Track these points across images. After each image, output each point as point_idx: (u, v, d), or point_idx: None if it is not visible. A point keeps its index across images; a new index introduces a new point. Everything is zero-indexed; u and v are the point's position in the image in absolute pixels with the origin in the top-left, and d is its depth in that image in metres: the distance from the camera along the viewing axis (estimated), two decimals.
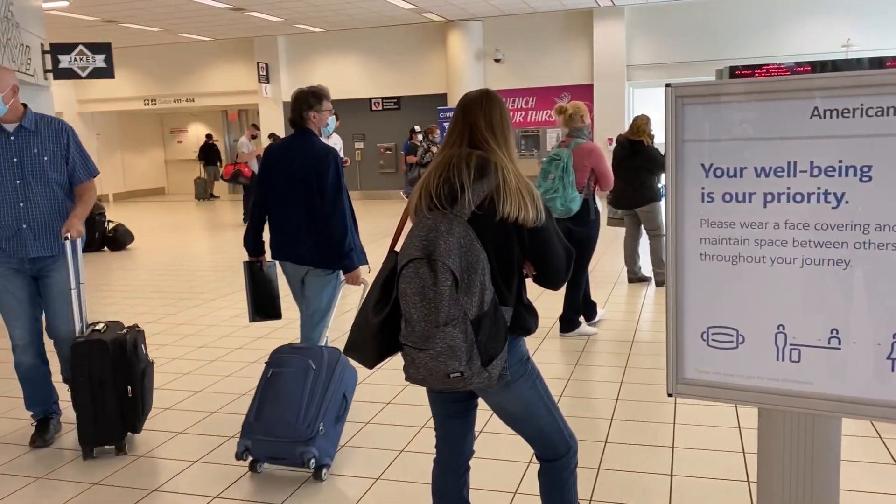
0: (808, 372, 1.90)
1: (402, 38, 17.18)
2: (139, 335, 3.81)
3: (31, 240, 3.64)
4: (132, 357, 3.66)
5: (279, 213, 3.86)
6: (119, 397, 3.61)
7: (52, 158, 3.67)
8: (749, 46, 14.57)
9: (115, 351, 3.60)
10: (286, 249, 3.89)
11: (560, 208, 5.07)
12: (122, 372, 3.62)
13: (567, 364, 4.91)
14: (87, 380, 3.57)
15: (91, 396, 3.58)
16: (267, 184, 3.88)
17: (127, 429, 3.68)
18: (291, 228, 3.81)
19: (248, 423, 3.35)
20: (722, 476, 3.23)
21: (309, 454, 3.22)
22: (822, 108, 1.77)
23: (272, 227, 3.93)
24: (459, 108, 2.20)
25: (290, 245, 3.86)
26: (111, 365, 3.58)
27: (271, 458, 3.36)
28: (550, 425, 2.24)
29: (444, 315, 1.93)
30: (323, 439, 3.29)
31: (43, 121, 3.72)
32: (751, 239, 1.92)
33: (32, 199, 3.63)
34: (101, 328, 3.75)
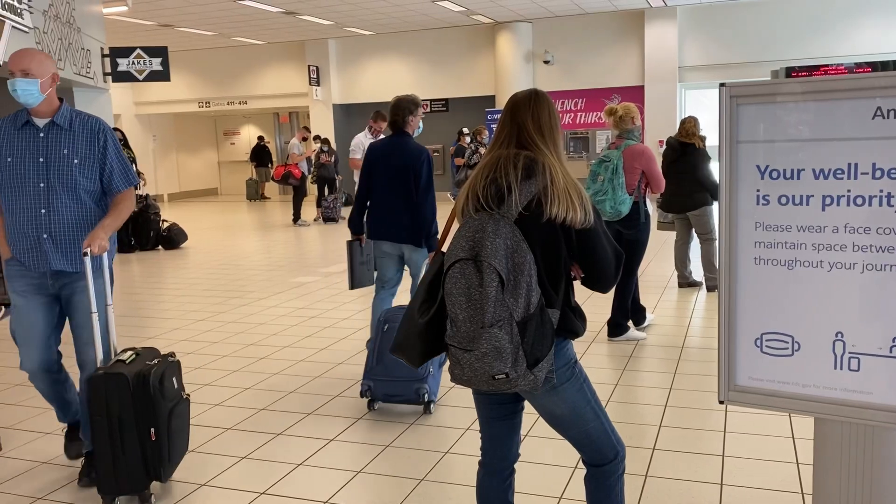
0: (867, 381, 1.83)
1: (450, 40, 17.20)
2: (170, 367, 3.27)
3: (52, 251, 3.17)
4: (157, 394, 3.10)
5: (380, 200, 4.62)
6: (141, 441, 3.09)
7: (84, 162, 3.18)
8: (805, 47, 14.19)
9: (136, 386, 3.06)
10: (385, 230, 4.63)
11: (609, 211, 5.01)
12: (145, 411, 3.08)
13: (615, 369, 4.84)
14: (105, 419, 3.06)
15: (110, 439, 3.06)
16: (369, 176, 4.64)
17: (151, 477, 3.14)
18: (390, 213, 4.58)
19: (369, 368, 4.12)
20: (774, 487, 3.14)
21: (423, 389, 4.01)
22: (886, 107, 1.70)
23: (373, 212, 4.68)
24: (508, 108, 2.19)
25: (389, 227, 4.61)
26: (132, 403, 3.05)
27: (389, 395, 4.09)
28: (598, 430, 2.21)
29: (490, 316, 1.91)
30: (432, 379, 4.08)
31: (79, 118, 3.22)
32: (808, 243, 1.86)
33: (56, 207, 3.15)
34: (127, 357, 3.19)
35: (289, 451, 3.68)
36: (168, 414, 3.18)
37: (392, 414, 4.17)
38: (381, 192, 4.62)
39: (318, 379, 4.80)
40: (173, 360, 3.33)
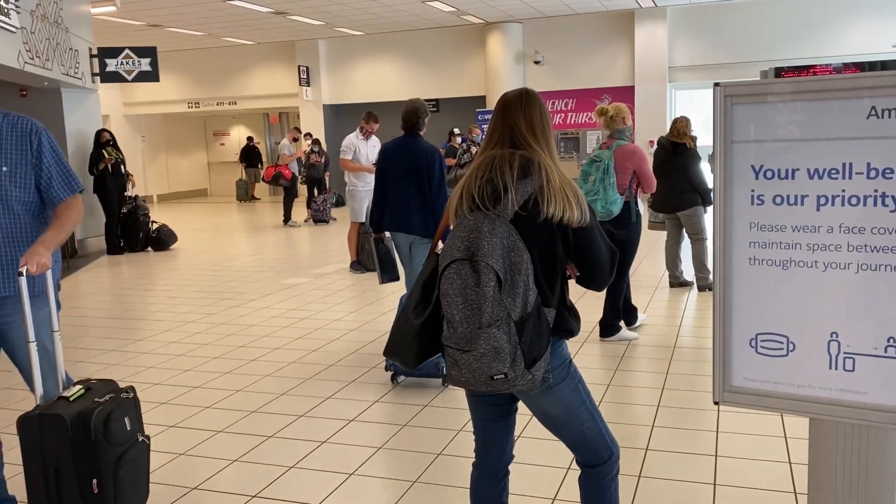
0: (863, 382, 1.83)
1: (441, 40, 17.19)
2: (122, 405, 2.76)
3: None
4: (100, 439, 2.61)
5: (395, 195, 4.94)
6: (82, 493, 2.62)
7: (16, 170, 2.73)
8: (794, 47, 14.26)
9: (76, 430, 2.58)
10: (399, 222, 4.96)
11: (601, 210, 5.01)
12: (86, 459, 2.61)
13: (607, 369, 4.84)
14: (40, 468, 2.60)
15: (45, 491, 2.62)
16: (385, 175, 5.00)
17: None
18: (405, 207, 4.92)
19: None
20: (767, 487, 3.14)
21: (442, 363, 3.97)
22: (881, 107, 1.70)
23: (388, 206, 5.00)
24: (499, 108, 2.18)
25: (403, 219, 4.94)
26: (70, 449, 2.59)
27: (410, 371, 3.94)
28: (592, 430, 2.20)
29: (488, 316, 1.90)
30: None
31: (7, 120, 2.75)
32: (803, 243, 1.85)
33: None
34: (73, 394, 2.69)
35: (281, 454, 3.66)
36: (115, 462, 2.69)
37: (384, 415, 4.15)
38: (396, 189, 4.96)
39: (309, 381, 4.78)
40: (128, 396, 2.85)
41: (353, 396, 4.45)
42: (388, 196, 5.01)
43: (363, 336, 5.83)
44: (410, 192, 4.90)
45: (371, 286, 7.81)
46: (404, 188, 4.92)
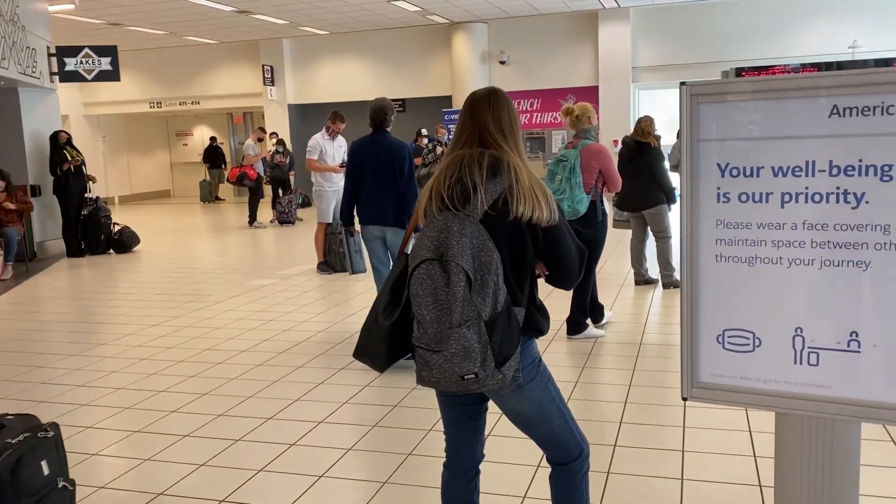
0: (826, 376, 1.86)
1: (406, 40, 17.16)
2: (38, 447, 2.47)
3: None
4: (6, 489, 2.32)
5: (369, 189, 5.14)
6: None
7: None
8: (754, 48, 14.51)
9: None
10: (374, 215, 5.15)
11: (568, 209, 5.04)
12: None
13: (575, 367, 4.87)
14: None
15: None
16: (357, 171, 5.18)
17: None
18: (380, 200, 5.11)
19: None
20: (733, 480, 3.19)
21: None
22: (842, 106, 1.74)
23: (362, 200, 5.18)
24: (467, 107, 2.17)
25: (378, 212, 5.13)
26: None
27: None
28: (562, 428, 2.21)
29: (458, 316, 1.90)
30: None
31: None
32: (768, 240, 1.88)
33: None
34: None
35: (249, 457, 3.61)
36: None
37: (353, 417, 4.13)
38: (369, 184, 5.14)
39: (277, 383, 4.73)
40: (47, 435, 2.54)
41: (322, 398, 4.42)
42: (361, 191, 5.18)
43: (331, 337, 5.79)
44: (384, 186, 5.10)
45: (339, 287, 7.76)
46: (378, 183, 5.11)
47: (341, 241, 8.47)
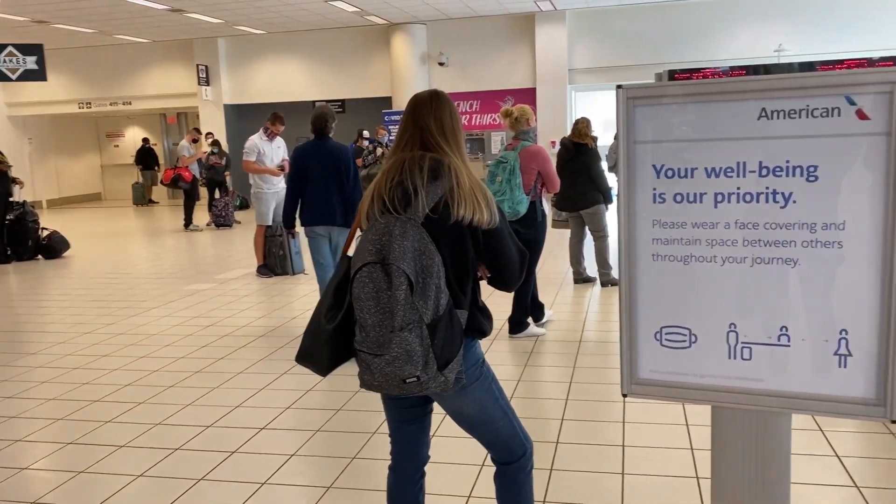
0: (758, 369, 1.93)
1: (345, 40, 17.04)
2: None
3: None
4: None
5: (315, 192, 5.42)
6: None
7: None
8: (686, 51, 14.91)
9: None
10: (320, 216, 5.42)
11: (508, 210, 5.09)
12: None
13: (517, 365, 4.92)
14: None
15: None
16: (301, 174, 5.45)
17: None
18: (326, 202, 5.40)
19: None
20: (672, 473, 3.27)
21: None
22: (770, 109, 1.80)
23: (308, 203, 5.45)
24: (409, 110, 2.17)
25: (324, 213, 5.41)
26: None
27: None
28: (506, 427, 2.23)
29: (400, 319, 1.89)
30: None
31: None
32: (702, 239, 1.94)
33: None
34: None
35: (188, 467, 3.53)
36: None
37: (296, 422, 4.07)
38: (315, 187, 5.42)
39: (216, 390, 4.64)
40: None
41: (264, 404, 4.35)
42: (306, 193, 5.45)
43: (272, 342, 5.70)
44: (331, 188, 5.41)
45: (279, 290, 7.65)
46: (325, 185, 5.42)
47: (281, 243, 8.39)
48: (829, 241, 1.80)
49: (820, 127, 1.76)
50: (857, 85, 1.73)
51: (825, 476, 3.19)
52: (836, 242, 1.80)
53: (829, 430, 3.60)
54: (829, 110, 1.75)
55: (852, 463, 3.28)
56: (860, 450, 3.43)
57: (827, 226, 1.80)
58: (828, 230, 1.80)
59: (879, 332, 1.79)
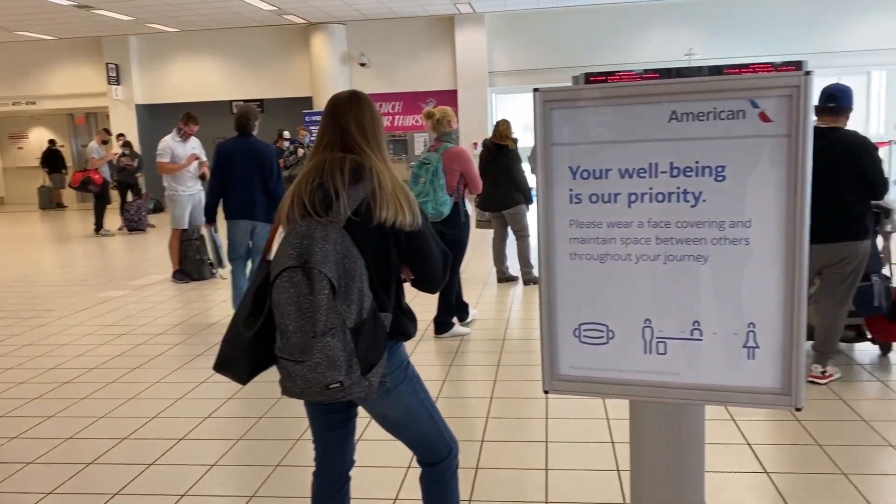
0: (673, 363, 1.99)
1: (263, 39, 16.73)
2: None
3: None
4: None
5: (239, 188, 5.72)
6: None
7: None
8: (602, 54, 15.31)
9: None
10: (243, 211, 5.75)
11: (431, 212, 5.10)
12: None
13: (442, 365, 4.94)
14: None
15: None
16: (225, 171, 5.74)
17: None
18: (249, 198, 5.74)
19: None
20: (593, 467, 3.35)
21: None
22: (680, 111, 1.86)
23: (232, 198, 5.76)
24: (328, 110, 2.14)
25: (247, 208, 5.75)
26: None
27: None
28: (432, 429, 2.23)
29: (322, 325, 1.86)
30: None
31: None
32: (617, 238, 1.99)
33: None
34: None
35: (103, 481, 3.39)
36: None
37: (216, 431, 3.97)
38: (239, 183, 5.70)
39: (132, 401, 4.47)
40: None
41: (182, 414, 4.22)
42: (230, 190, 5.73)
43: (190, 350, 5.54)
44: (254, 184, 5.70)
45: (196, 296, 7.44)
46: (248, 181, 5.70)
47: (198, 247, 8.16)
48: (736, 239, 1.88)
49: (726, 129, 1.84)
50: (761, 89, 1.81)
51: (737, 463, 3.32)
52: (743, 239, 1.88)
53: (740, 419, 3.76)
54: (734, 113, 1.82)
55: (762, 450, 3.44)
56: (770, 437, 3.60)
57: (734, 223, 1.87)
58: (735, 228, 1.87)
59: (784, 325, 1.88)
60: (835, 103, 4.10)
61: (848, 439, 3.52)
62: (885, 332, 4.59)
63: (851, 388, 4.19)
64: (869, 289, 4.32)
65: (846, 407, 3.91)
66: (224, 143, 5.92)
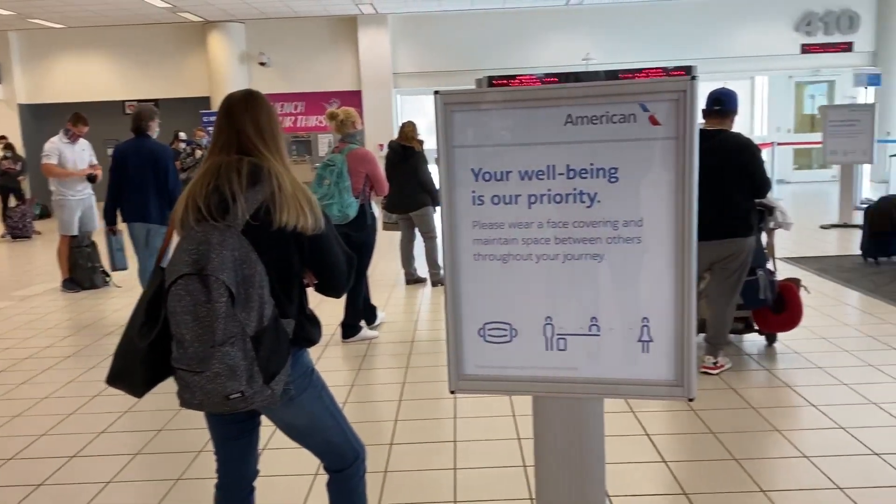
0: (573, 358, 2.05)
1: (158, 37, 16.12)
2: None
3: None
4: None
5: (133, 190, 5.72)
6: None
7: None
8: (505, 57, 15.58)
9: None
10: (138, 213, 5.74)
11: (337, 214, 5.04)
12: None
13: (350, 370, 4.89)
14: None
15: None
16: (121, 173, 5.76)
17: None
18: (143, 200, 5.72)
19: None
20: (501, 464, 3.40)
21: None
22: (575, 114, 1.92)
23: (127, 201, 5.77)
24: (223, 111, 2.07)
25: (141, 211, 5.73)
26: None
27: None
28: (338, 436, 2.21)
29: (221, 334, 1.81)
30: None
31: None
32: (519, 238, 2.03)
33: None
34: None
35: None
36: None
37: (112, 446, 3.79)
38: (133, 184, 5.71)
39: (17, 419, 4.21)
40: None
41: (73, 430, 4.01)
42: (125, 191, 5.74)
43: (81, 363, 5.27)
44: (148, 187, 5.69)
45: (88, 306, 7.09)
46: (142, 183, 5.69)
47: (89, 255, 7.79)
48: (630, 237, 1.95)
49: (619, 132, 1.91)
50: (650, 93, 1.89)
51: (636, 454, 3.45)
52: (636, 238, 1.95)
53: (639, 411, 3.90)
54: (626, 116, 1.90)
55: (660, 440, 3.58)
56: (667, 427, 3.75)
57: (628, 223, 1.95)
58: (628, 227, 1.95)
59: (676, 319, 1.97)
60: (720, 106, 4.32)
61: (738, 426, 3.71)
62: (770, 323, 4.87)
63: (741, 377, 4.42)
64: (755, 282, 4.57)
65: (737, 395, 4.12)
66: (120, 144, 5.98)
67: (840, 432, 3.57)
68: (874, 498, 2.95)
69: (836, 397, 4.02)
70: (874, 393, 4.05)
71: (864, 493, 2.99)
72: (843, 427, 3.63)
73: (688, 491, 3.08)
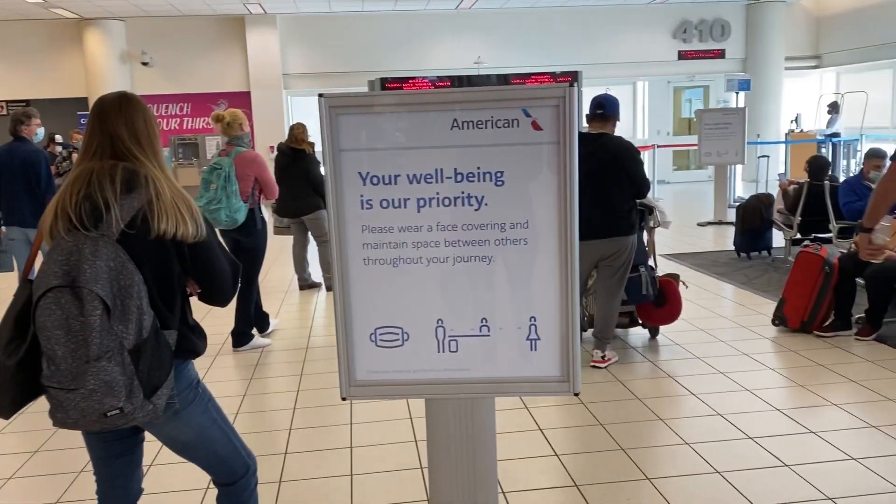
0: (465, 359, 2.08)
1: (29, 35, 15.14)
2: None
3: None
4: None
5: (9, 195, 5.71)
6: None
7: None
8: (397, 60, 15.60)
9: None
10: (14, 218, 5.73)
11: (225, 219, 4.89)
12: None
13: (242, 379, 4.76)
14: None
15: None
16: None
17: None
18: (18, 205, 5.71)
19: None
20: (398, 467, 3.40)
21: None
22: (461, 119, 1.95)
23: (3, 205, 5.73)
24: (95, 114, 1.96)
25: (17, 215, 5.73)
26: None
27: None
28: (227, 448, 2.14)
29: (96, 348, 1.72)
30: None
31: None
32: (408, 242, 2.04)
33: None
34: None
35: None
36: None
37: None
38: (9, 189, 5.73)
39: None
40: None
41: None
42: (3, 195, 5.74)
43: None
44: (21, 192, 5.70)
45: None
46: (16, 188, 5.70)
47: None
48: (516, 239, 2.00)
49: (503, 136, 1.95)
50: (533, 99, 1.94)
51: (530, 449, 3.53)
52: (522, 239, 2.00)
53: (532, 407, 3.99)
54: (510, 121, 1.94)
55: (552, 434, 3.68)
56: (559, 422, 3.86)
57: (514, 225, 2.00)
58: (515, 229, 2.00)
59: (561, 317, 2.03)
60: (603, 111, 4.50)
61: (625, 417, 3.87)
62: (652, 317, 5.11)
63: (627, 369, 4.61)
64: (638, 279, 4.79)
65: (623, 387, 4.29)
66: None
67: (718, 419, 3.79)
68: (750, 480, 3.14)
69: (714, 385, 4.27)
70: (748, 380, 4.31)
71: (740, 475, 3.18)
72: (720, 414, 3.85)
73: (578, 482, 3.18)
